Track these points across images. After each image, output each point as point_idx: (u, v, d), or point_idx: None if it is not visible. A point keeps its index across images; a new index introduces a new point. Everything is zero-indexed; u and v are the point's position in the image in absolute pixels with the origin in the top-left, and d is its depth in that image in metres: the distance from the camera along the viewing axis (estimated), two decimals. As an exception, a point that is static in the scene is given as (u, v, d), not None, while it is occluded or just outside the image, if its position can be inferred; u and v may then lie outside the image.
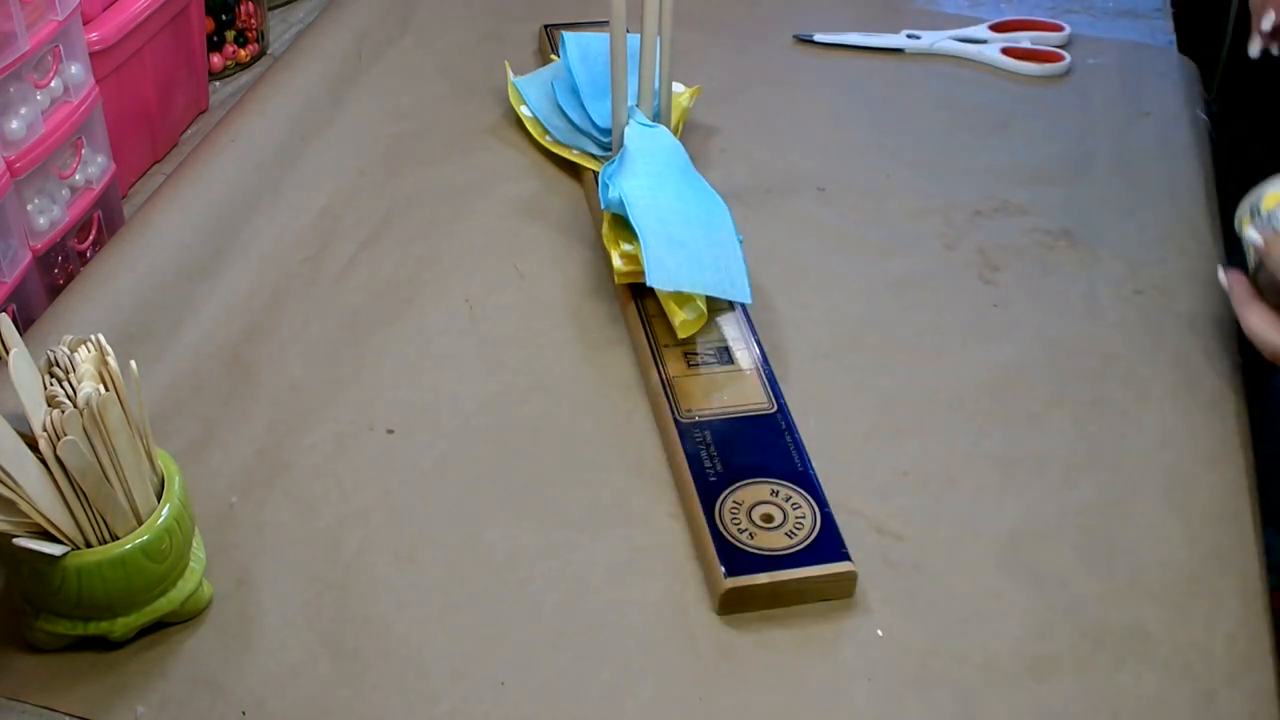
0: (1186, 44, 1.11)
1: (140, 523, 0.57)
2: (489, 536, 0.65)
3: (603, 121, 0.88)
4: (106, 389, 0.55)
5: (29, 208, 0.75)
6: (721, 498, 0.65)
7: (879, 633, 0.61)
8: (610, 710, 0.58)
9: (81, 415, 0.53)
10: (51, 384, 0.55)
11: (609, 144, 0.88)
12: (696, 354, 0.74)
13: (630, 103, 0.84)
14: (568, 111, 0.91)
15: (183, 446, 0.69)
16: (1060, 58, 1.04)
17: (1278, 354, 0.69)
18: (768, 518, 0.64)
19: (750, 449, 0.68)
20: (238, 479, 0.68)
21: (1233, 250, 0.84)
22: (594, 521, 0.66)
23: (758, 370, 0.73)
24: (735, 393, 0.71)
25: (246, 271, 0.82)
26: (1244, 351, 0.78)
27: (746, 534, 0.63)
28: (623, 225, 0.78)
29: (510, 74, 0.96)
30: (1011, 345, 0.78)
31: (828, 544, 0.63)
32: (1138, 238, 0.86)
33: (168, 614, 0.59)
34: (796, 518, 0.64)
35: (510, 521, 0.66)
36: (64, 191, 0.78)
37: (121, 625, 0.58)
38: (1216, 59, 1.35)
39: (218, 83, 1.02)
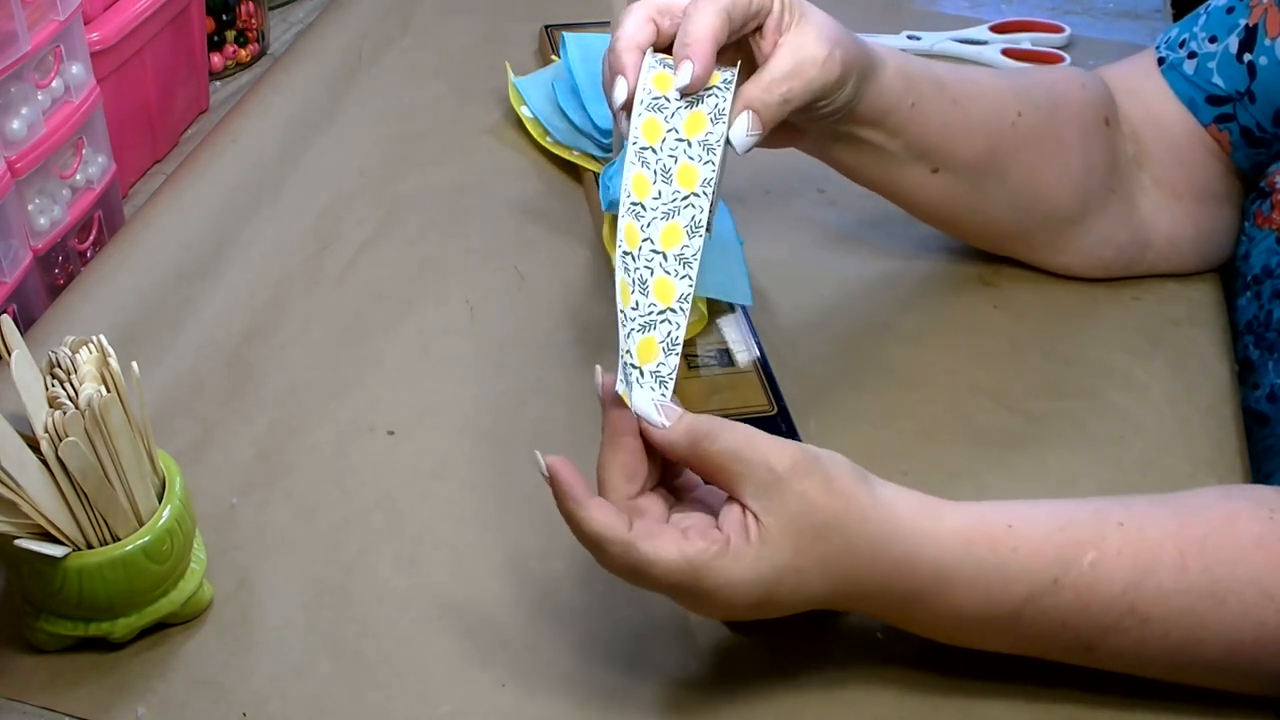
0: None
1: (141, 524, 0.57)
2: (489, 538, 0.65)
3: (603, 122, 0.88)
4: (108, 390, 0.55)
5: (30, 208, 0.75)
6: (721, 500, 0.65)
7: (879, 635, 0.61)
8: (610, 711, 0.58)
9: (83, 417, 0.53)
10: (53, 385, 0.55)
11: (609, 145, 0.88)
12: (697, 356, 0.74)
13: (631, 104, 0.84)
14: (568, 112, 0.91)
15: (183, 447, 0.69)
16: (1060, 59, 1.04)
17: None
18: (768, 520, 0.64)
19: (750, 451, 0.68)
20: (238, 480, 0.68)
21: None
22: (594, 523, 0.66)
23: (758, 372, 0.73)
24: (736, 395, 0.71)
25: (246, 271, 0.82)
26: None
27: (746, 536, 0.63)
28: (623, 226, 0.78)
29: (511, 74, 0.96)
30: (1011, 347, 0.78)
31: (827, 546, 0.63)
32: (1137, 240, 0.86)
33: (168, 615, 0.59)
34: (796, 520, 0.64)
35: (510, 523, 0.66)
36: (65, 191, 0.78)
37: (122, 626, 0.58)
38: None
39: (218, 83, 1.02)
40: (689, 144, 0.59)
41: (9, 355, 0.55)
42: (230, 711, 0.57)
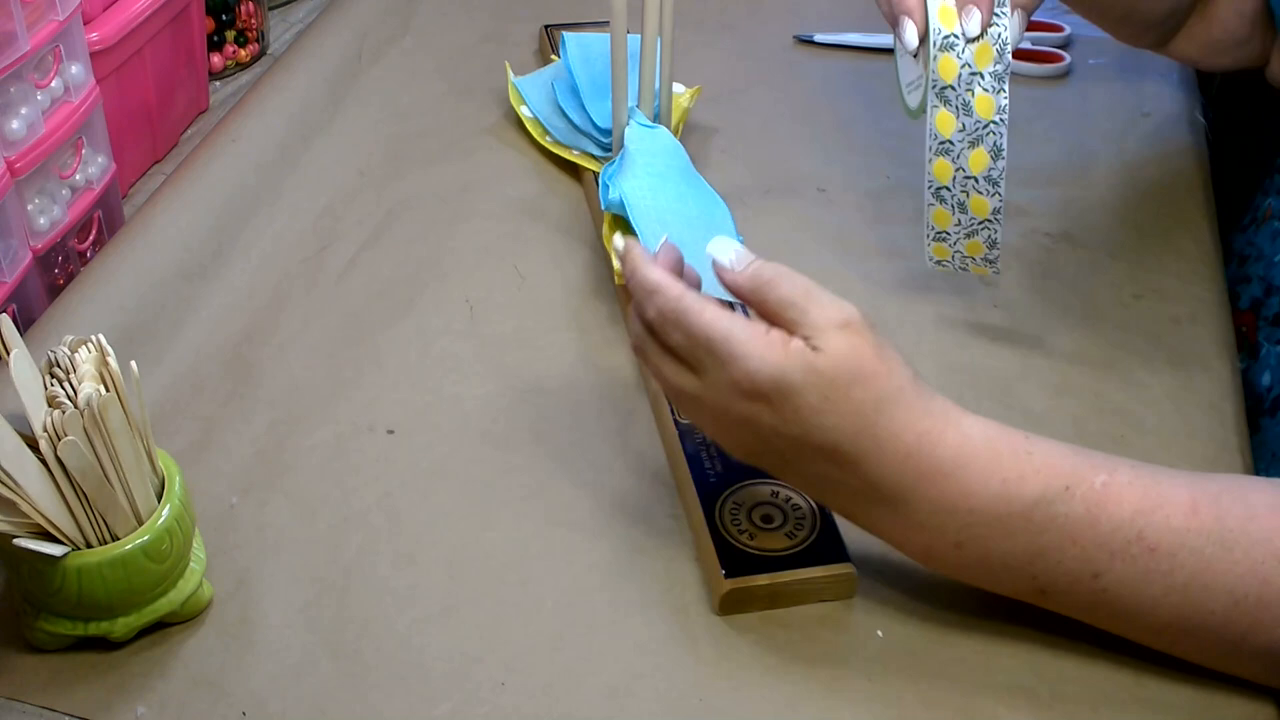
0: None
1: (141, 523, 0.57)
2: (489, 537, 0.65)
3: (603, 122, 0.88)
4: (107, 390, 0.55)
5: (29, 208, 0.75)
6: (721, 499, 0.65)
7: (879, 633, 0.61)
8: (610, 710, 0.58)
9: (82, 416, 0.53)
10: (52, 384, 0.55)
11: (609, 144, 0.88)
12: (696, 355, 0.74)
13: (631, 103, 0.84)
14: (568, 112, 0.91)
15: (183, 447, 0.69)
16: (1060, 58, 1.04)
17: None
18: (768, 518, 0.64)
19: (750, 450, 0.68)
20: (238, 479, 0.68)
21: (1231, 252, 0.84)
22: (594, 522, 0.66)
23: (758, 371, 0.72)
24: (735, 394, 0.71)
25: (246, 271, 0.82)
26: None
27: (746, 535, 0.63)
28: (623, 226, 0.78)
29: (511, 74, 0.96)
30: (1011, 347, 0.78)
31: (828, 545, 0.63)
32: (1137, 240, 0.86)
33: (168, 614, 0.59)
34: (796, 518, 0.64)
35: (510, 522, 0.66)
36: (64, 191, 0.78)
37: (122, 625, 0.58)
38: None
39: (218, 83, 1.02)
40: (981, 76, 0.65)
41: (8, 355, 0.55)
42: (230, 711, 0.57)
